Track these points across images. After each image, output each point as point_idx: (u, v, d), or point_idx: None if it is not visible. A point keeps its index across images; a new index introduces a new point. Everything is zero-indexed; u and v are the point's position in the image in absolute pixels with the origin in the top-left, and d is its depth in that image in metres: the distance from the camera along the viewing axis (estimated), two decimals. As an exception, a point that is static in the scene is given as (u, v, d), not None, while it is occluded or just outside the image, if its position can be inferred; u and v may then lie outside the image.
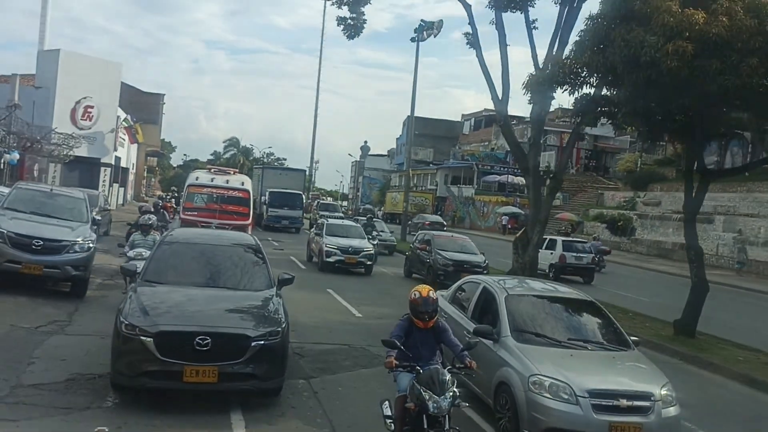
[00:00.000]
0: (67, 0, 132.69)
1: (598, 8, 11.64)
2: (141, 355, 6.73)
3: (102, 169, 36.13)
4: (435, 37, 32.33)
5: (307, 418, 7.27)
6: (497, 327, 7.65)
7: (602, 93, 13.12)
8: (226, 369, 6.83)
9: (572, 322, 8.19)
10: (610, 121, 14.35)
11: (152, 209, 17.59)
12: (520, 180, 62.11)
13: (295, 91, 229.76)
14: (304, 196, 40.65)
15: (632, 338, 8.08)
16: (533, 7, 18.42)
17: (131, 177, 50.73)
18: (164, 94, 64.94)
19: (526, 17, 18.67)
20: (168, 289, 7.91)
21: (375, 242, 23.10)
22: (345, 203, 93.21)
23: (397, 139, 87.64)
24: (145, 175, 64.42)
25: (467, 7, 20.41)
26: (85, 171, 33.72)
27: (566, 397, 6.60)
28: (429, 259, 19.96)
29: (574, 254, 24.54)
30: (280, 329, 7.31)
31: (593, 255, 25.33)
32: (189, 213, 21.35)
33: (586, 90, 13.61)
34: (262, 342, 7.02)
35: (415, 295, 6.06)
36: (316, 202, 55.80)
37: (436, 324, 6.11)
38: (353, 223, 24.46)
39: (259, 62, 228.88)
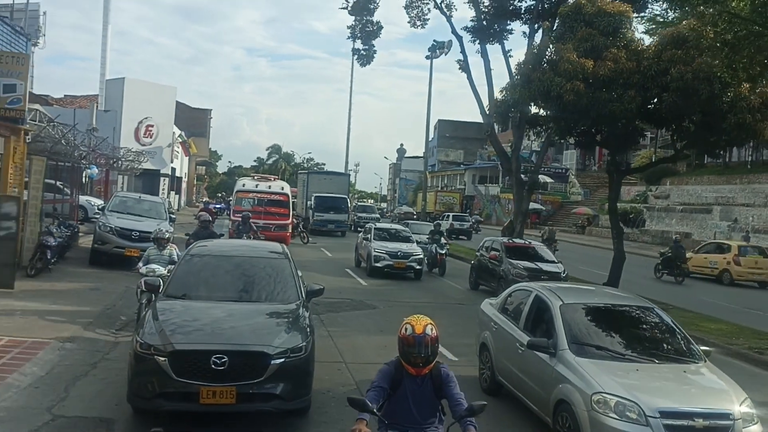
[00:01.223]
0: (114, 14, 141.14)
1: (524, 57, 16.24)
2: (156, 376, 6.54)
3: (161, 178, 41.94)
4: (446, 55, 36.97)
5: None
6: (553, 339, 7.19)
7: (540, 114, 17.67)
8: (245, 389, 6.57)
9: (635, 333, 7.65)
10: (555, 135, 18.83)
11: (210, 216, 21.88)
12: (543, 178, 66.33)
13: (334, 95, 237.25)
14: (349, 200, 40.49)
15: (702, 348, 7.52)
16: (507, 40, 23.00)
17: (184, 185, 56.79)
18: (211, 110, 71.11)
19: (503, 48, 23.43)
20: (188, 304, 7.71)
21: (444, 251, 22.09)
22: (384, 204, 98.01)
23: (428, 141, 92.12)
24: (195, 182, 70.67)
25: (459, 39, 25.14)
26: (147, 181, 39.43)
27: (634, 417, 6.05)
28: (500, 270, 17.74)
29: (459, 222, 43.07)
30: (303, 345, 7.02)
31: (471, 223, 42.98)
32: (238, 215, 24.51)
33: (535, 110, 18.28)
34: (284, 359, 6.75)
35: (405, 329, 4.46)
36: (353, 204, 60.25)
37: (435, 371, 4.53)
38: (401, 227, 24.28)
39: (300, 68, 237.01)
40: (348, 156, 63.06)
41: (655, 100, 15.61)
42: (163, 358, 6.54)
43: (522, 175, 24.42)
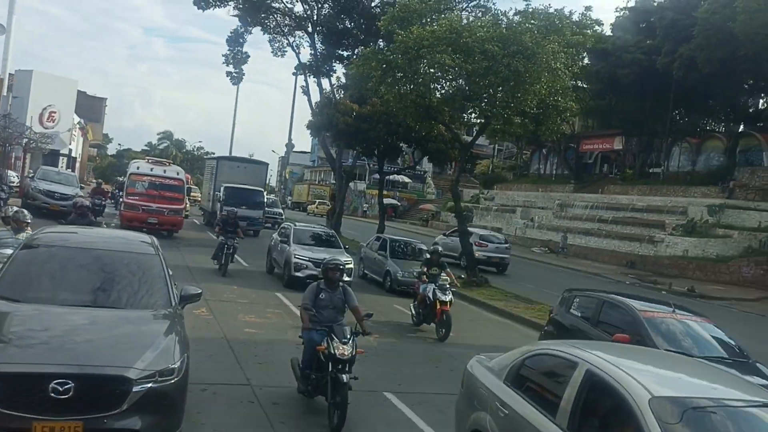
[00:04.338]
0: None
1: (320, 99, 26.55)
2: None
3: (60, 158, 49.28)
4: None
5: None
6: None
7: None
8: (95, 424, 5.26)
9: None
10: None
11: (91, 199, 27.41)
12: (402, 178, 77.82)
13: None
14: (265, 194, 34.28)
15: None
16: (332, 76, 33.29)
17: (78, 165, 63.55)
18: (107, 98, 77.69)
19: (330, 82, 33.57)
20: (25, 309, 6.16)
21: (449, 298, 13.90)
22: (272, 196, 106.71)
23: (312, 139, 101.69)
24: (87, 163, 76.90)
25: (304, 72, 35.08)
26: (48, 159, 46.74)
27: None
28: None
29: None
30: (175, 366, 5.78)
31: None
32: (131, 197, 25.05)
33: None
34: (149, 385, 5.49)
35: None
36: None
37: None
38: (326, 230, 21.29)
39: (199, 52, 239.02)
40: (232, 148, 71.13)
41: (397, 131, 26.24)
42: None
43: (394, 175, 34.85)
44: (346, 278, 15.80)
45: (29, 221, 10.13)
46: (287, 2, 33.97)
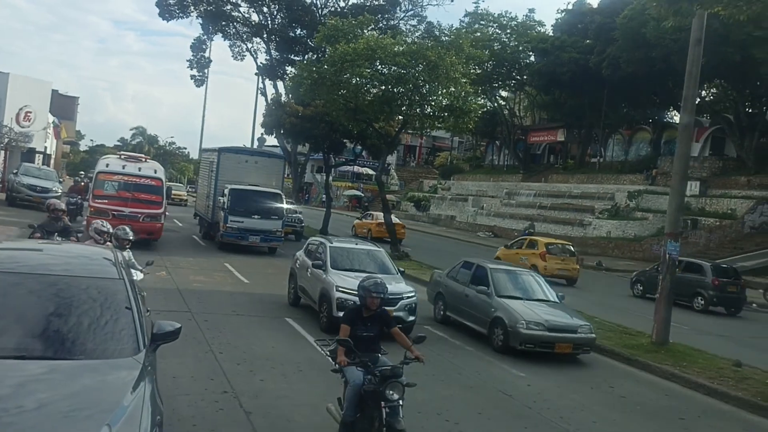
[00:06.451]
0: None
1: (270, 100, 30.61)
2: None
3: (36, 155, 52.64)
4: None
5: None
6: None
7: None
8: None
9: None
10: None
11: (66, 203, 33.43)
12: (366, 171, 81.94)
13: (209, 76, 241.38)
14: (284, 197, 26.47)
15: None
16: (285, 79, 37.22)
17: (52, 162, 66.75)
18: (79, 97, 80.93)
19: (284, 84, 37.48)
20: None
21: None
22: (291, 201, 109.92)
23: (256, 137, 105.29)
24: (61, 159, 79.99)
25: (262, 74, 38.96)
26: (24, 157, 50.07)
27: None
28: None
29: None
30: None
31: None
32: (99, 201, 21.34)
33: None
34: None
35: None
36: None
37: None
38: (372, 246, 15.32)
39: (171, 45, 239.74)
40: (201, 143, 74.45)
41: (338, 129, 30.39)
42: None
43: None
44: (410, 318, 12.54)
45: (131, 239, 9.51)
46: (245, 12, 37.94)
